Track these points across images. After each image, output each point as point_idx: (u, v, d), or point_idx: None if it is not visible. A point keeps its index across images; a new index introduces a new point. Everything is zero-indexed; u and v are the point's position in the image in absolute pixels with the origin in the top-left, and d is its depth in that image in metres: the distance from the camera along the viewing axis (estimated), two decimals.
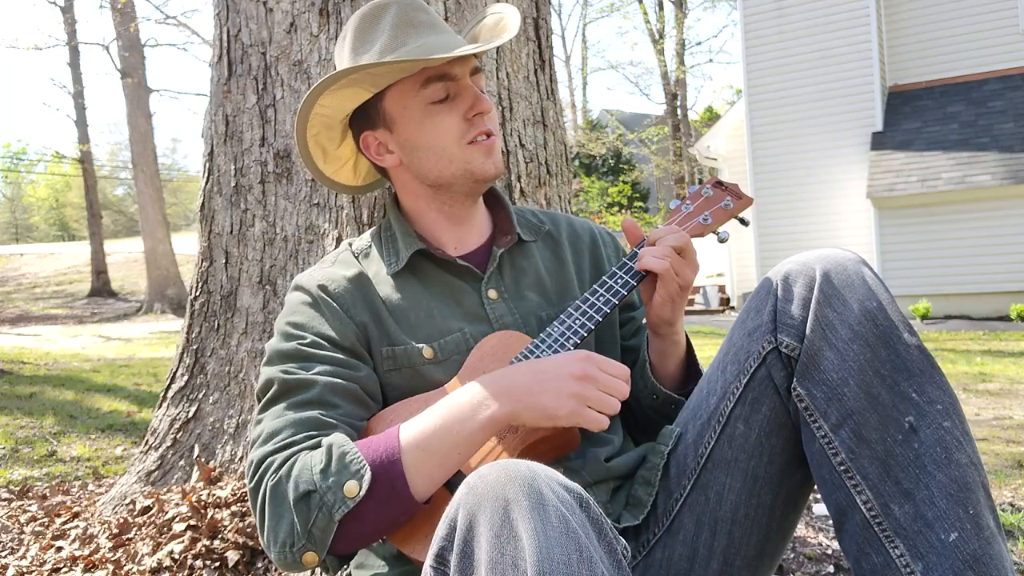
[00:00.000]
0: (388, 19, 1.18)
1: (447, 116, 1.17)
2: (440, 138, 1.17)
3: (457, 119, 1.17)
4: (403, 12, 1.19)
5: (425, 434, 0.99)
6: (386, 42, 1.17)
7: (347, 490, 0.94)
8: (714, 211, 1.25)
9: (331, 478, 0.95)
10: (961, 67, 11.95)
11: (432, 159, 1.19)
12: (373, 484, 0.95)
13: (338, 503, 0.94)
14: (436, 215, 1.25)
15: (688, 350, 1.27)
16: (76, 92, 19.22)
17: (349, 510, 0.94)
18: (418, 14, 1.20)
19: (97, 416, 4.53)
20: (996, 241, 10.95)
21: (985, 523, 0.92)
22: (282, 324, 1.17)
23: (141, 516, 1.85)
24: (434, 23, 1.21)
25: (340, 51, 1.24)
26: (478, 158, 1.18)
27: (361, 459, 0.97)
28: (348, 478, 0.95)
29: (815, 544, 1.94)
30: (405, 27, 1.18)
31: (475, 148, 1.18)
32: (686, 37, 25.80)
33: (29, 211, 50.09)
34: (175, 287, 16.00)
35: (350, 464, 0.96)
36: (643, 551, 1.11)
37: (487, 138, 1.19)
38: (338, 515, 0.95)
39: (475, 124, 1.17)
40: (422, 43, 1.16)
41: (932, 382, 0.97)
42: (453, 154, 1.18)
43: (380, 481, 0.96)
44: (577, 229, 1.37)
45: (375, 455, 0.98)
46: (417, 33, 1.18)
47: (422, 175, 1.21)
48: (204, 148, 2.16)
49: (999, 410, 4.48)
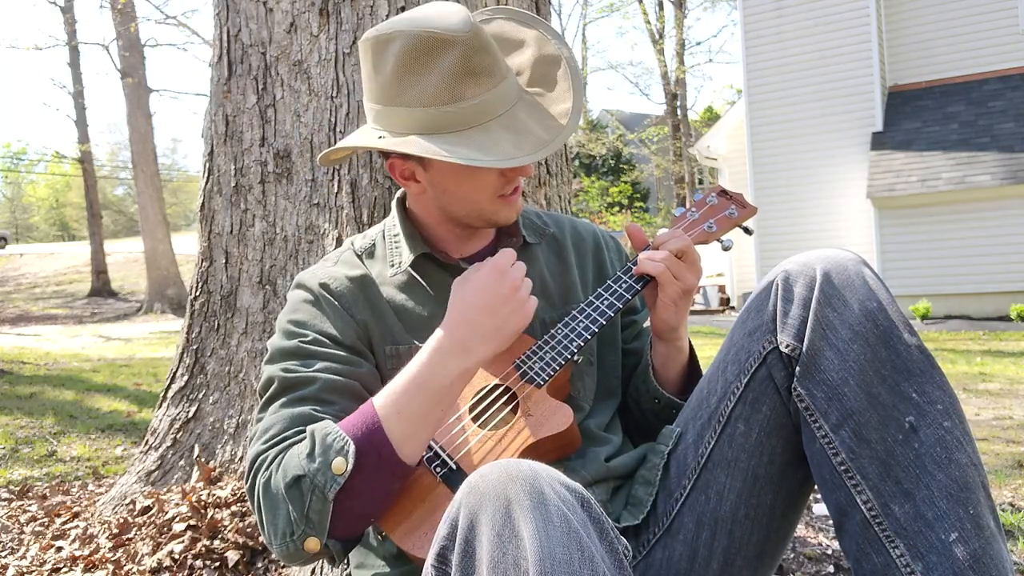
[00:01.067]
0: (445, 63, 1.04)
1: (489, 173, 1.12)
2: (476, 193, 1.14)
3: (495, 177, 1.12)
4: (465, 58, 1.04)
5: (400, 398, 1.01)
6: (441, 87, 1.05)
7: (335, 467, 0.95)
8: (719, 219, 1.27)
9: (318, 459, 0.96)
10: (961, 67, 11.94)
11: (461, 206, 1.17)
12: (359, 456, 0.96)
13: (329, 482, 0.95)
14: (445, 229, 1.23)
15: (691, 356, 1.28)
16: (76, 92, 19.21)
17: (341, 487, 0.95)
18: (481, 58, 1.06)
19: (97, 416, 4.53)
20: (996, 241, 10.95)
21: (985, 523, 0.92)
22: (283, 322, 1.17)
23: (141, 516, 1.85)
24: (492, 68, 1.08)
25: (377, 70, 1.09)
26: (505, 211, 1.17)
27: (343, 435, 0.98)
28: (334, 456, 0.96)
29: (815, 544, 1.94)
30: (465, 75, 1.05)
31: (504, 202, 1.16)
32: (686, 37, 25.82)
33: (29, 211, 50.10)
34: (175, 287, 15.99)
35: (333, 443, 0.97)
36: (643, 551, 1.11)
37: (515, 191, 1.17)
38: (331, 494, 0.95)
39: (512, 181, 1.15)
40: (481, 100, 1.06)
41: (932, 382, 0.97)
42: (484, 206, 1.15)
43: (365, 452, 0.97)
44: (581, 232, 1.37)
45: (355, 428, 0.99)
46: (476, 82, 1.06)
47: (445, 210, 1.19)
48: (204, 148, 2.16)
49: (999, 410, 4.48)
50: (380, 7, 1.91)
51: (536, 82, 1.16)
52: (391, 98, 1.08)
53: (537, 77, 1.16)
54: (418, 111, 1.06)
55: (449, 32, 1.04)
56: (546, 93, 1.15)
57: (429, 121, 1.06)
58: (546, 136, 1.09)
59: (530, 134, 1.08)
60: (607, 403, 1.27)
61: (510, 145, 1.06)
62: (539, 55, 1.17)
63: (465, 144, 1.05)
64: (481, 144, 1.05)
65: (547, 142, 1.08)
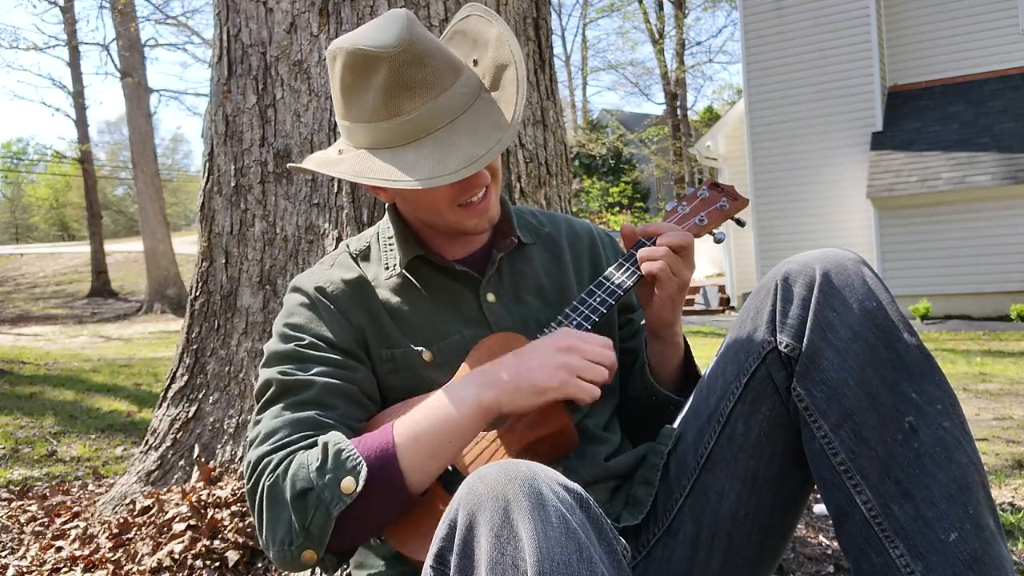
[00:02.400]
0: (378, 79, 1.05)
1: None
2: (433, 203, 1.14)
3: (447, 187, 1.11)
4: (396, 73, 1.05)
5: (418, 427, 1.00)
6: (376, 104, 1.06)
7: (344, 487, 0.95)
8: (710, 212, 1.27)
9: (328, 475, 0.96)
10: (961, 67, 11.94)
11: (425, 212, 1.18)
12: (370, 480, 0.96)
13: (335, 500, 0.95)
14: (432, 231, 1.24)
15: (687, 353, 1.28)
16: (76, 92, 19.21)
17: (346, 506, 0.95)
18: (413, 72, 1.05)
19: (97, 416, 4.53)
20: (996, 241, 10.94)
21: (985, 523, 0.92)
22: (280, 326, 1.17)
23: (141, 516, 1.85)
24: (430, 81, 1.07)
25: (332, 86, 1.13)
26: (471, 220, 1.16)
27: (357, 455, 0.97)
28: (345, 475, 0.95)
29: (815, 544, 1.94)
30: (397, 90, 1.05)
31: (467, 211, 1.15)
32: (686, 37, 25.76)
33: (29, 211, 50.08)
34: (175, 287, 15.99)
35: (346, 461, 0.96)
36: (643, 551, 1.11)
37: (481, 199, 1.15)
38: (335, 512, 0.95)
39: (469, 190, 1.13)
40: (419, 114, 1.06)
41: (932, 382, 0.97)
42: (445, 215, 1.15)
43: (376, 476, 0.97)
44: (577, 230, 1.37)
45: (370, 451, 0.98)
46: (410, 96, 1.05)
47: (416, 217, 1.21)
48: (204, 148, 2.16)
49: (999, 410, 4.48)
50: (380, 7, 1.91)
51: (493, 85, 1.15)
52: (342, 114, 1.12)
53: (494, 81, 1.15)
54: (361, 127, 1.09)
55: (377, 48, 1.04)
56: (501, 97, 1.13)
57: (373, 136, 1.08)
58: (476, 151, 1.05)
59: (459, 150, 1.05)
60: (605, 401, 1.26)
61: (433, 162, 1.04)
62: (495, 57, 1.15)
63: (398, 161, 1.06)
64: (410, 161, 1.05)
65: (475, 157, 1.04)
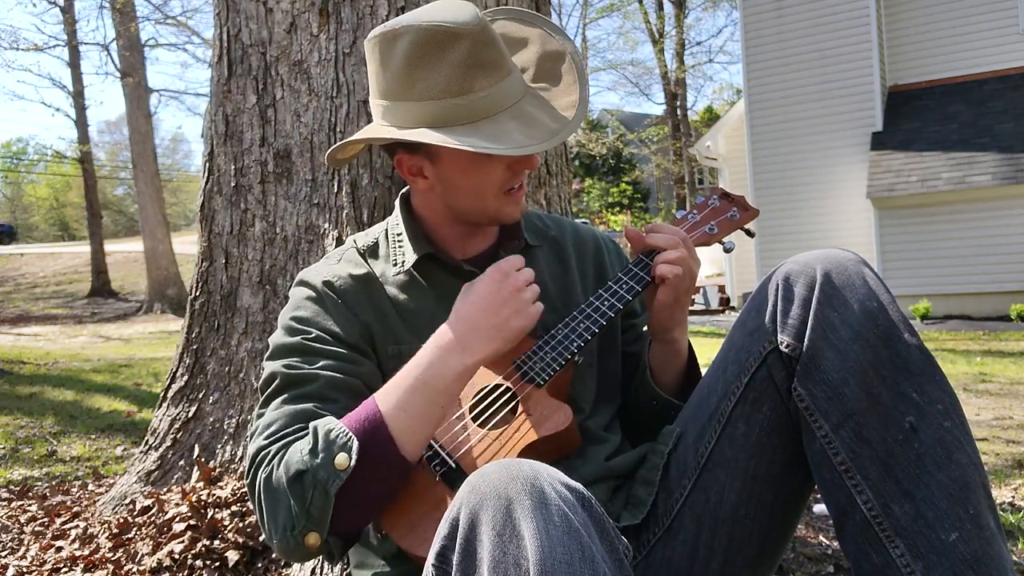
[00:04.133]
0: (456, 56, 1.05)
1: (497, 165, 1.12)
2: (483, 186, 1.14)
3: (503, 169, 1.13)
4: (474, 50, 1.06)
5: (402, 394, 1.02)
6: (451, 80, 1.06)
7: (338, 463, 0.96)
8: (720, 221, 1.29)
9: (320, 455, 0.97)
10: (961, 67, 11.93)
11: (468, 201, 1.17)
12: (362, 452, 0.97)
13: (331, 477, 0.96)
14: (449, 228, 1.23)
15: (691, 358, 1.28)
16: (76, 92, 19.20)
17: (343, 482, 0.96)
18: (488, 51, 1.08)
19: (97, 416, 4.53)
20: (996, 241, 10.94)
21: (985, 523, 0.92)
22: (286, 319, 1.17)
23: (141, 516, 1.85)
24: (499, 62, 1.10)
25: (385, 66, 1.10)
26: (510, 207, 1.18)
27: (347, 431, 0.98)
28: (337, 451, 0.96)
29: (815, 544, 1.94)
30: (474, 67, 1.07)
31: (509, 198, 1.17)
32: (686, 37, 25.76)
33: (29, 211, 50.08)
34: (175, 287, 15.98)
35: (336, 438, 0.97)
36: (643, 551, 1.12)
37: (519, 188, 1.17)
38: (333, 489, 0.95)
39: (518, 175, 1.15)
40: (489, 92, 1.08)
41: (932, 382, 0.97)
42: (489, 202, 1.16)
43: (368, 448, 0.98)
44: (582, 235, 1.37)
45: (358, 425, 1.00)
46: (485, 75, 1.07)
47: (451, 206, 1.20)
48: (204, 148, 2.16)
49: (999, 410, 4.48)
50: (380, 7, 1.91)
51: (541, 77, 1.18)
52: (400, 93, 1.09)
53: (542, 73, 1.18)
54: (428, 104, 1.07)
55: (458, 26, 1.05)
56: (551, 87, 1.17)
57: (439, 114, 1.07)
58: (555, 126, 1.10)
59: (540, 124, 1.10)
60: (607, 405, 1.27)
61: (520, 134, 1.07)
62: (543, 51, 1.19)
63: (476, 134, 1.06)
64: (492, 134, 1.06)
65: (556, 131, 1.09)
